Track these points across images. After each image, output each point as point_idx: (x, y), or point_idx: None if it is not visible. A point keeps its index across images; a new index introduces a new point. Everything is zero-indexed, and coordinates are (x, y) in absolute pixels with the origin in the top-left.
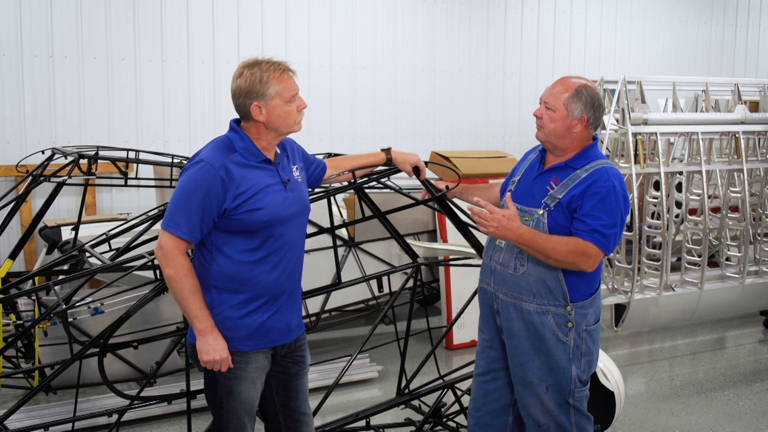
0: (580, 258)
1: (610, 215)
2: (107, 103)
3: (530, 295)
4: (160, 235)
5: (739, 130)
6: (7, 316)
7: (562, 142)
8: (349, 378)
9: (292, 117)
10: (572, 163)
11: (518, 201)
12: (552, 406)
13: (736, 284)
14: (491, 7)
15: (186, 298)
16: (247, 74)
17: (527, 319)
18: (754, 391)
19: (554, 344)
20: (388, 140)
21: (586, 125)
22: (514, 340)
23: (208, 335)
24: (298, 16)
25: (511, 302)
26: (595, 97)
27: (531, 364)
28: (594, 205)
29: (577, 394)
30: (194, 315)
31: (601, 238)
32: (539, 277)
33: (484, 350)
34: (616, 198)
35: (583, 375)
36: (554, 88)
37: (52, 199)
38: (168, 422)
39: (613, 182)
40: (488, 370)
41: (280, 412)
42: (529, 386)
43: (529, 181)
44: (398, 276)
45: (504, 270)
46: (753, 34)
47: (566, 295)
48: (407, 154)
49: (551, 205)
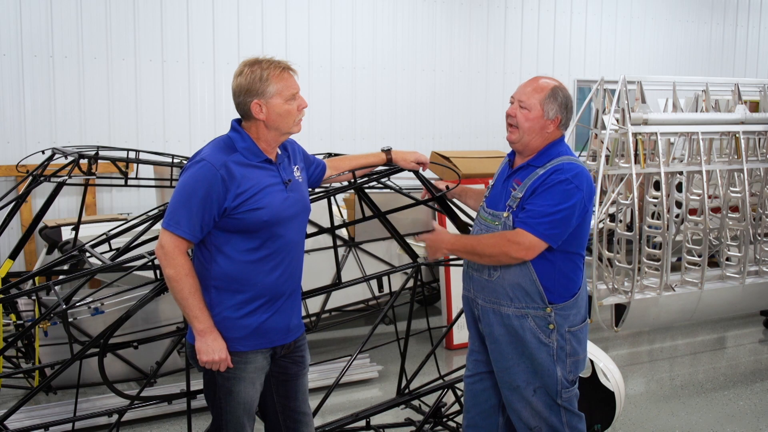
0: (509, 246)
1: (550, 201)
2: (107, 103)
3: (507, 299)
4: (160, 234)
5: (739, 130)
6: (7, 316)
7: (534, 141)
8: (349, 378)
9: (292, 116)
10: (533, 162)
11: (489, 206)
12: (541, 408)
13: (736, 284)
14: (491, 7)
15: (185, 298)
16: (248, 72)
17: (507, 323)
18: (754, 391)
19: (536, 346)
20: (388, 140)
21: (558, 125)
22: (496, 346)
23: (207, 335)
24: (298, 16)
25: (490, 307)
26: (569, 98)
27: (516, 369)
28: (538, 194)
29: (565, 395)
30: (193, 315)
31: (533, 222)
32: (513, 280)
33: (471, 353)
34: (565, 188)
35: (570, 375)
36: (527, 87)
37: (52, 199)
38: (168, 422)
39: (566, 176)
40: (475, 373)
41: (280, 412)
42: (516, 390)
43: (499, 185)
44: (398, 276)
45: (479, 276)
46: (753, 34)
47: (543, 297)
48: (407, 153)
49: (513, 206)
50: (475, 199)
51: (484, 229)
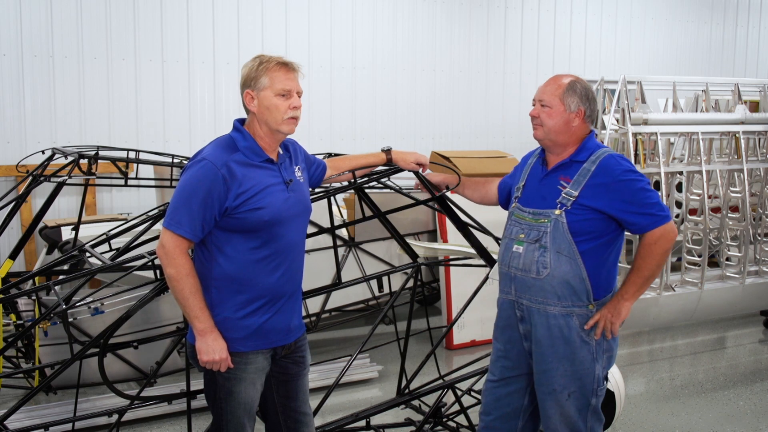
0: (664, 245)
1: (644, 193)
2: (107, 103)
3: (555, 298)
4: (161, 233)
5: (739, 130)
6: (7, 316)
7: (561, 137)
8: (349, 378)
9: (279, 111)
10: (576, 158)
11: (528, 205)
12: (572, 413)
13: (736, 284)
14: (491, 7)
15: (186, 298)
16: (250, 64)
17: (552, 323)
18: (754, 391)
19: (579, 345)
20: (388, 140)
21: (583, 118)
22: (538, 347)
23: (207, 335)
24: (298, 16)
25: (535, 307)
26: (588, 89)
27: (554, 371)
28: (629, 198)
29: (599, 393)
30: (194, 315)
31: (658, 215)
32: (563, 278)
33: (498, 359)
34: (635, 176)
35: (605, 371)
36: (546, 86)
37: (52, 199)
38: (168, 422)
39: (623, 165)
40: (502, 378)
41: (281, 413)
42: (551, 394)
43: (536, 184)
44: (398, 276)
45: (525, 275)
46: (753, 34)
47: (590, 295)
48: (407, 153)
49: (568, 204)
50: (472, 189)
51: (526, 228)
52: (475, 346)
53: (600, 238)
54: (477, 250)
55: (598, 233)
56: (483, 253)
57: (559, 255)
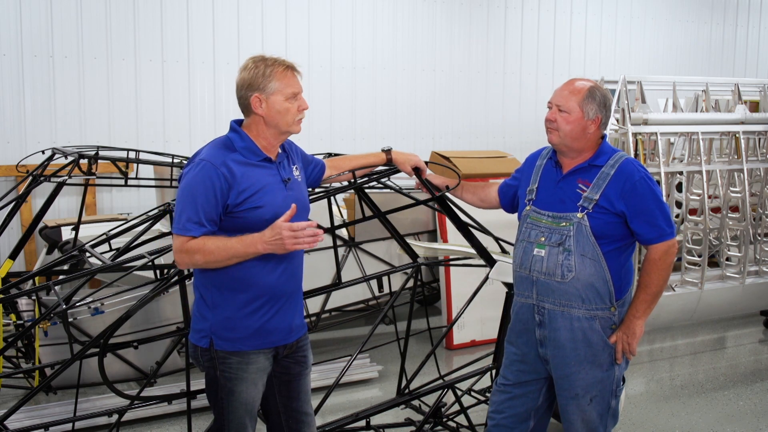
0: (668, 259)
1: (657, 204)
2: (107, 103)
3: (579, 301)
4: (173, 241)
5: (739, 130)
6: (7, 316)
7: (577, 143)
8: (349, 378)
9: (290, 114)
10: (594, 162)
11: (545, 208)
12: (594, 417)
13: (736, 284)
14: (491, 7)
15: (227, 250)
16: (252, 67)
17: (576, 326)
18: (754, 391)
19: (602, 348)
20: (388, 140)
21: (599, 125)
22: (560, 351)
23: (261, 242)
24: (298, 16)
25: (559, 311)
26: (607, 97)
27: (576, 376)
28: (642, 206)
29: (619, 394)
30: (243, 247)
31: (665, 230)
32: (588, 281)
33: (513, 363)
34: (652, 184)
35: (623, 371)
36: (564, 90)
37: (52, 199)
38: (168, 422)
39: (641, 171)
40: (516, 382)
41: (282, 413)
42: (574, 399)
43: (551, 187)
44: (398, 276)
45: (549, 279)
46: (753, 34)
47: (612, 297)
48: (408, 155)
49: (589, 207)
50: (472, 193)
51: (546, 231)
52: (475, 346)
53: (621, 241)
54: (477, 250)
55: (620, 236)
56: (483, 253)
57: (583, 258)
